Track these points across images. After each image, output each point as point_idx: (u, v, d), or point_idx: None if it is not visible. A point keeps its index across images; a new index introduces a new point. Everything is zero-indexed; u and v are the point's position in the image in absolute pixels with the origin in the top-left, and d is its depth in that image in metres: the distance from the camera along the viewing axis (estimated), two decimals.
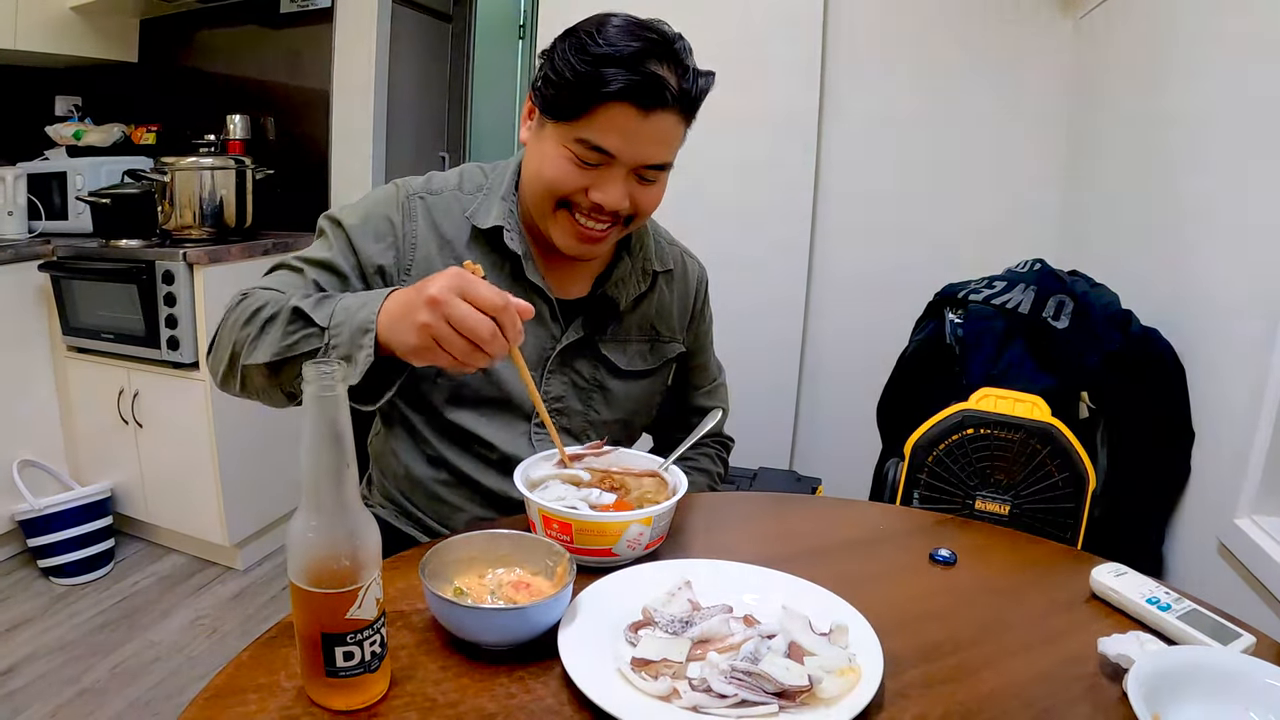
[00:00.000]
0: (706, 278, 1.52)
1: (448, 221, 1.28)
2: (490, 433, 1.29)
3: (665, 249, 1.43)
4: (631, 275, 1.34)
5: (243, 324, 1.11)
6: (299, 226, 3.34)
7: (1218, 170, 1.60)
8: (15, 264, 2.84)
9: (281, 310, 1.09)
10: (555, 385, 1.32)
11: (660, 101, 1.11)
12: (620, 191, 1.16)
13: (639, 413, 1.43)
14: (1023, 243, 2.44)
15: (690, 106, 1.17)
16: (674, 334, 1.43)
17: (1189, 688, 0.77)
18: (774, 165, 2.86)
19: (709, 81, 1.18)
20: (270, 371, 1.09)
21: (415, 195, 1.28)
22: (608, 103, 1.10)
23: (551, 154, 1.17)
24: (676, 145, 1.20)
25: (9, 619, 2.63)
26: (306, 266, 1.22)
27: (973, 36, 2.69)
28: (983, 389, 1.55)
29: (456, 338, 0.93)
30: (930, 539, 1.16)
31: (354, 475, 0.73)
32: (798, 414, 3.04)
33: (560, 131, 1.16)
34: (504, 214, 1.26)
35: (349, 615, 0.72)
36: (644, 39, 1.10)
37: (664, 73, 1.11)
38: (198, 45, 3.52)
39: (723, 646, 0.83)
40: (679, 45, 1.14)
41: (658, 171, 1.19)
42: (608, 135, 1.12)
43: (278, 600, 2.82)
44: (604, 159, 1.14)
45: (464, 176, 1.33)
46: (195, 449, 2.86)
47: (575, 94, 1.12)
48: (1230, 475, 1.44)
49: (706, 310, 1.52)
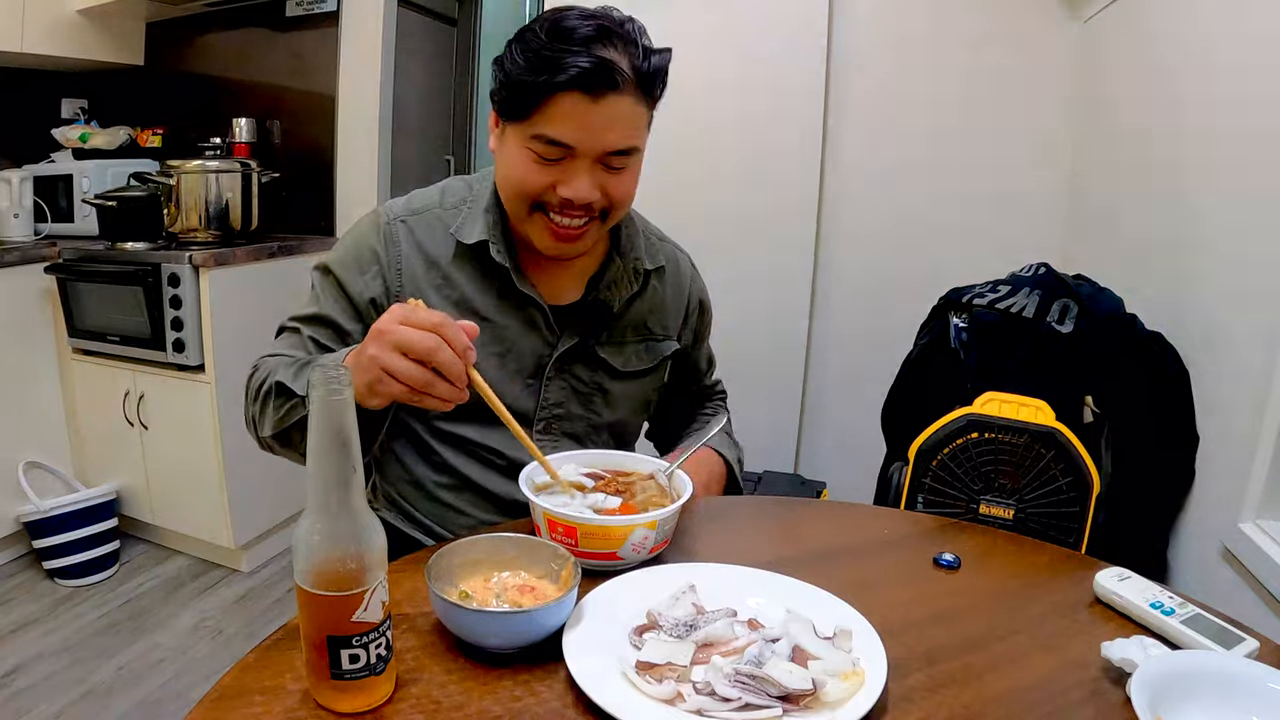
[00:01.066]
0: (699, 275, 1.50)
1: (431, 241, 1.28)
2: (495, 440, 1.29)
3: (656, 246, 1.42)
4: (623, 276, 1.34)
5: (252, 400, 1.20)
6: (305, 230, 3.35)
7: (1223, 174, 1.60)
8: (21, 266, 2.86)
9: (271, 386, 1.14)
10: (555, 391, 1.32)
11: (610, 84, 1.09)
12: (587, 183, 1.15)
13: (638, 411, 1.44)
14: (1027, 247, 2.43)
15: (646, 85, 1.15)
16: (668, 332, 1.42)
17: (1192, 692, 0.77)
18: (779, 169, 2.86)
19: (664, 58, 1.16)
20: (281, 443, 1.16)
21: (396, 220, 1.28)
22: (556, 94, 1.09)
23: (514, 156, 1.17)
24: (640, 128, 1.18)
25: (14, 620, 2.63)
26: (302, 325, 1.26)
27: (979, 39, 2.68)
28: (987, 393, 1.55)
29: (406, 362, 0.94)
30: (934, 543, 1.16)
31: (360, 479, 0.73)
32: (802, 418, 3.03)
33: (518, 132, 1.15)
34: (488, 227, 1.26)
35: (355, 618, 0.72)
36: (590, 25, 1.10)
37: (612, 55, 1.09)
38: (203, 48, 3.53)
39: (727, 650, 0.83)
40: (628, 26, 1.13)
41: (624, 158, 1.17)
42: (562, 127, 1.11)
43: (282, 603, 2.82)
44: (564, 152, 1.13)
45: (445, 192, 1.33)
46: (201, 451, 2.87)
47: (525, 91, 1.11)
48: (1234, 479, 1.44)
49: (705, 304, 1.51)
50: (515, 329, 1.27)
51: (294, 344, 1.24)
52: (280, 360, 1.18)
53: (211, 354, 2.77)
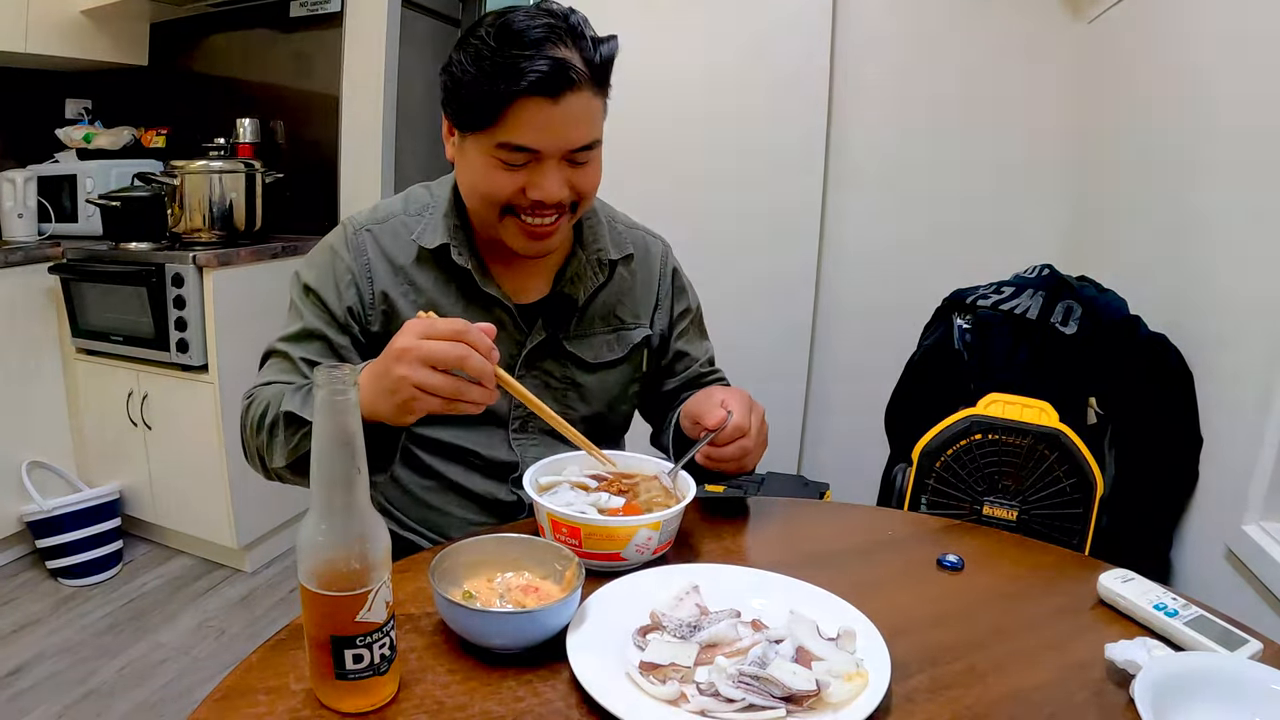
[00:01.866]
0: (672, 252, 1.49)
1: (396, 248, 1.28)
2: (471, 441, 1.30)
3: (623, 233, 1.41)
4: (586, 269, 1.34)
5: (255, 431, 1.17)
6: (308, 230, 3.34)
7: (1228, 176, 1.60)
8: (25, 266, 2.86)
9: (278, 416, 1.13)
10: (528, 388, 1.32)
11: (568, 84, 1.09)
12: (556, 182, 1.15)
13: (616, 403, 1.42)
14: (1031, 248, 2.43)
15: (599, 76, 1.14)
16: (638, 319, 1.42)
17: (1196, 694, 0.77)
18: (781, 173, 2.86)
19: (612, 46, 1.15)
20: (295, 471, 1.14)
21: (361, 229, 1.29)
22: (516, 100, 1.09)
23: (479, 165, 1.17)
24: (598, 120, 1.18)
25: (17, 620, 2.64)
26: (290, 347, 1.25)
27: (983, 39, 2.68)
28: (991, 394, 1.55)
29: (436, 375, 0.94)
30: (938, 544, 1.16)
31: (365, 479, 0.74)
32: (806, 419, 3.04)
33: (480, 141, 1.15)
34: (448, 231, 1.26)
35: (359, 618, 0.72)
36: (538, 26, 1.09)
37: (565, 54, 1.09)
38: (207, 49, 3.54)
39: (730, 651, 0.84)
40: (574, 19, 1.13)
41: (588, 152, 1.17)
42: (526, 132, 1.11)
43: (285, 603, 2.83)
44: (530, 156, 1.13)
45: (409, 199, 1.34)
46: (204, 451, 2.87)
47: (483, 100, 1.10)
48: (1238, 481, 1.44)
49: (680, 285, 1.49)
50: None
51: (285, 369, 1.23)
52: (278, 390, 1.17)
53: (215, 354, 2.77)
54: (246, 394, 1.23)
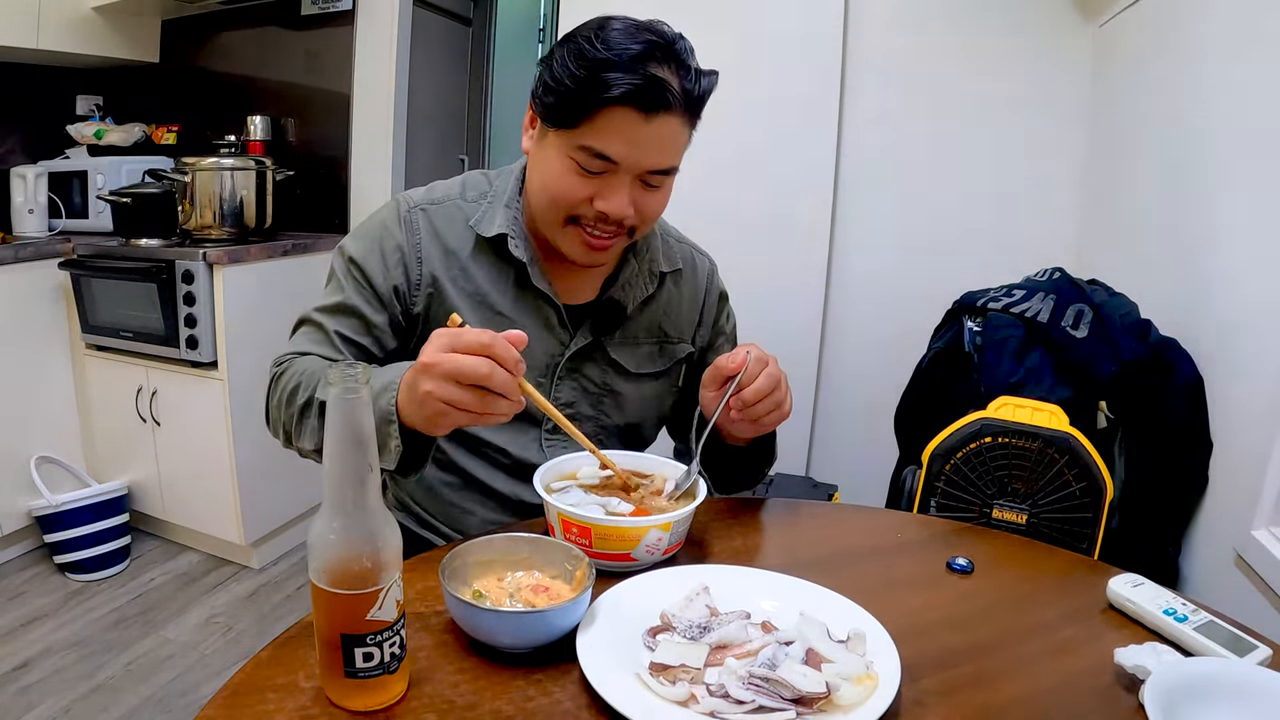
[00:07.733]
0: (718, 273, 1.49)
1: (450, 231, 1.27)
2: (502, 439, 1.29)
3: (674, 247, 1.41)
4: (638, 278, 1.33)
5: (285, 404, 1.16)
6: (319, 227, 3.36)
7: (1240, 180, 1.59)
8: (36, 262, 2.88)
9: (311, 401, 1.11)
10: (565, 391, 1.32)
11: (663, 104, 1.09)
12: (624, 199, 1.15)
13: (649, 415, 1.42)
14: (1042, 251, 2.43)
15: (694, 107, 1.15)
16: (682, 335, 1.42)
17: (1205, 699, 0.76)
18: (791, 175, 2.86)
19: (712, 81, 1.16)
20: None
21: (416, 208, 1.28)
22: (609, 107, 1.09)
23: (555, 165, 1.16)
24: (681, 149, 1.18)
25: (24, 614, 2.65)
26: (325, 318, 1.24)
27: (993, 44, 2.68)
28: (1001, 397, 1.55)
29: (462, 390, 0.92)
30: (947, 547, 1.16)
31: (376, 477, 0.74)
32: (814, 420, 3.03)
33: (562, 140, 1.14)
34: (508, 221, 1.26)
35: (369, 616, 0.72)
36: (644, 41, 1.09)
37: (665, 74, 1.09)
38: (219, 46, 3.55)
39: (740, 652, 0.83)
40: (680, 45, 1.13)
41: (662, 177, 1.17)
42: (611, 141, 1.11)
43: (293, 599, 2.84)
44: (607, 166, 1.13)
45: (466, 184, 1.32)
46: (213, 448, 2.88)
47: (576, 100, 1.10)
48: (1248, 487, 1.43)
49: (724, 307, 1.49)
50: (529, 327, 1.26)
51: (318, 339, 1.22)
52: (312, 368, 1.16)
53: (225, 351, 2.79)
54: (277, 360, 1.22)
